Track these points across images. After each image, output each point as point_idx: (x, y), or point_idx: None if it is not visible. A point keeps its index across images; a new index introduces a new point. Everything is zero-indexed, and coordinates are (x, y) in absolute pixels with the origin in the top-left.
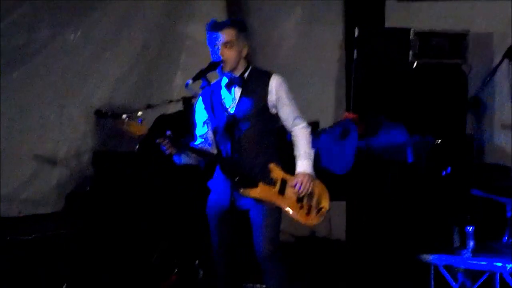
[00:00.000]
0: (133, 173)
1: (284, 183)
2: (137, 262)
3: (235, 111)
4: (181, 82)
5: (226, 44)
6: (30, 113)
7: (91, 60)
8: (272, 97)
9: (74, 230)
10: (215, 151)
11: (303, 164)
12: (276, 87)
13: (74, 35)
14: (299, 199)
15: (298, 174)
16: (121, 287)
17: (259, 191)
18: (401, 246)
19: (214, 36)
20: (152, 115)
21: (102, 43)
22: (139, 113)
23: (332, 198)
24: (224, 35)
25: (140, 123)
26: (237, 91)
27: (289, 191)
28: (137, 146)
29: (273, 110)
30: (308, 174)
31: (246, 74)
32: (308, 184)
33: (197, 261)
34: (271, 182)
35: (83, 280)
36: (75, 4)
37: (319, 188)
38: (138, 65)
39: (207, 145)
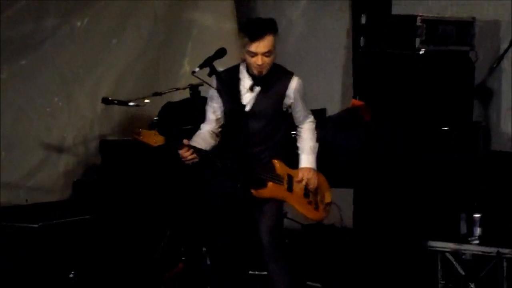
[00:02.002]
0: (140, 161)
1: (290, 179)
2: (144, 250)
3: (251, 107)
4: (188, 69)
5: (266, 53)
6: (38, 101)
7: (98, 48)
8: (289, 100)
9: (81, 218)
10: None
11: (308, 159)
12: (294, 90)
13: (81, 23)
14: (306, 194)
15: (303, 168)
16: (128, 275)
17: (270, 191)
18: (408, 233)
19: (252, 45)
20: (159, 103)
21: (109, 31)
22: (146, 100)
23: (339, 186)
24: (264, 45)
25: (156, 133)
26: (256, 88)
27: (296, 187)
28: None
29: (287, 109)
30: (313, 169)
31: (267, 74)
32: (314, 179)
33: (204, 249)
34: (279, 179)
35: (90, 268)
36: None
37: (321, 182)
38: (145, 53)
39: (213, 135)
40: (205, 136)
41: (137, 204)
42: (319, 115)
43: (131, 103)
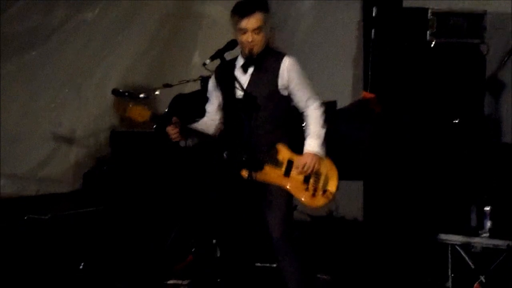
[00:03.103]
0: (150, 152)
1: (290, 164)
2: (154, 242)
3: (247, 90)
4: (199, 61)
5: (255, 29)
6: (48, 93)
7: (107, 40)
8: (283, 79)
9: (91, 209)
10: (216, 130)
11: (311, 144)
12: (287, 69)
13: (91, 14)
14: (306, 180)
15: (304, 153)
16: (138, 267)
17: (264, 174)
18: (418, 226)
19: (242, 21)
20: (170, 94)
21: (118, 23)
22: (157, 92)
23: (349, 178)
24: (254, 21)
25: (144, 107)
26: (250, 69)
27: (294, 173)
28: (154, 126)
29: (285, 92)
30: (315, 154)
31: (260, 55)
32: (312, 164)
33: (214, 240)
34: (277, 164)
35: (100, 260)
36: None
37: (328, 168)
38: (154, 45)
39: (212, 122)
40: (204, 121)
41: (147, 195)
42: (329, 107)
43: (141, 95)
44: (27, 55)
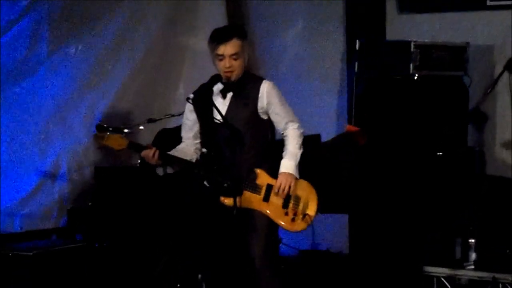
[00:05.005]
0: (135, 187)
1: (269, 189)
2: (139, 276)
3: (226, 116)
4: (183, 93)
5: (233, 55)
6: (32, 127)
7: (92, 72)
8: (262, 102)
9: (76, 245)
10: (196, 156)
11: (285, 164)
12: (267, 91)
13: (75, 48)
14: (285, 205)
15: (279, 174)
16: None
17: (243, 199)
18: (404, 258)
19: (219, 47)
20: (154, 129)
21: (103, 55)
22: (140, 127)
23: (334, 211)
24: (231, 47)
25: (122, 136)
26: (228, 95)
27: (273, 197)
28: (138, 161)
29: (264, 116)
30: (290, 175)
31: (238, 81)
32: (288, 184)
33: (200, 275)
34: (255, 189)
35: None
36: (76, 17)
37: (307, 192)
38: (139, 77)
39: (191, 148)
40: (182, 148)
41: (132, 230)
42: (313, 140)
43: (125, 130)
44: (11, 88)
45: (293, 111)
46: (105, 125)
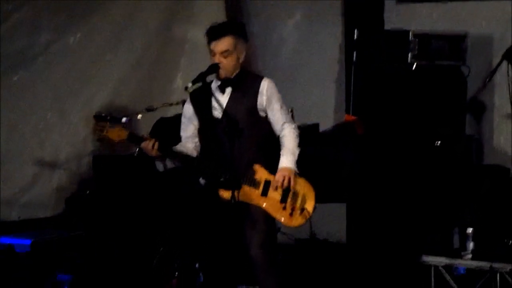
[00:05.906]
0: (133, 176)
1: (267, 184)
2: (137, 266)
3: (225, 112)
4: (181, 84)
5: (223, 53)
6: (31, 117)
7: (91, 63)
8: (262, 99)
9: (74, 234)
10: (196, 152)
11: (285, 160)
12: (267, 89)
13: (74, 39)
14: (283, 200)
15: (279, 169)
16: None
17: (242, 194)
18: (401, 248)
19: (211, 43)
20: (152, 118)
21: (102, 46)
22: (139, 116)
23: (332, 200)
24: (222, 44)
25: (121, 128)
26: (228, 93)
27: (271, 192)
28: (136, 150)
29: (262, 113)
30: (289, 169)
31: (237, 77)
32: (288, 179)
33: (197, 264)
34: (254, 184)
35: (83, 285)
36: (75, 7)
37: (305, 188)
38: (138, 68)
39: (191, 145)
40: (182, 145)
41: (129, 219)
42: (312, 130)
43: (123, 119)
44: (10, 79)
45: (288, 112)
46: (103, 114)
